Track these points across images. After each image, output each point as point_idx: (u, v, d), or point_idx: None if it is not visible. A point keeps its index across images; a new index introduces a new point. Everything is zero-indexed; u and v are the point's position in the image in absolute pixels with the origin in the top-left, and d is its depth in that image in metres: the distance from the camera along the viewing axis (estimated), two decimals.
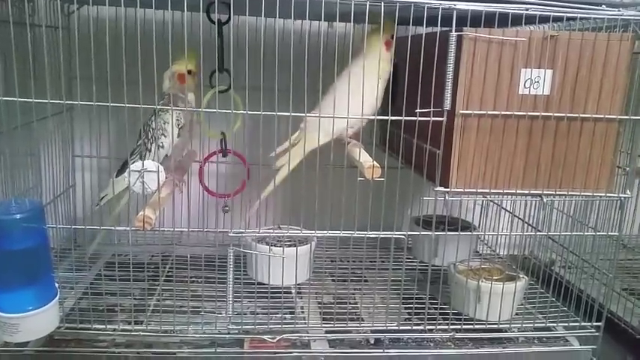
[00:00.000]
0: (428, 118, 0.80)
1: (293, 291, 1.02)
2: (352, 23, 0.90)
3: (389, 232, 0.85)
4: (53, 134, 1.09)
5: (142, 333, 0.84)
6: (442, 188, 0.83)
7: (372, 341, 0.89)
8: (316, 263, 1.09)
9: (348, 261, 1.09)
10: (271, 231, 1.00)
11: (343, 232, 0.85)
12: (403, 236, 0.86)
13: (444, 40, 0.78)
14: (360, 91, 0.81)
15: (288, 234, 0.98)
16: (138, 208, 0.82)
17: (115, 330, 0.84)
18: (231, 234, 0.84)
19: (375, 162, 0.80)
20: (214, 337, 0.86)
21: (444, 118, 0.80)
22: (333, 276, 1.09)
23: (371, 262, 1.11)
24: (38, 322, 0.72)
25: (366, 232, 0.85)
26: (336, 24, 1.14)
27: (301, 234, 0.89)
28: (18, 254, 0.70)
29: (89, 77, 0.77)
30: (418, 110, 0.81)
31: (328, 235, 0.85)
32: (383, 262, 1.11)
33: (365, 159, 0.83)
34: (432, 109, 0.80)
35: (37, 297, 0.72)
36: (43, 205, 0.75)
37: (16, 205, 0.71)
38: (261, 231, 0.97)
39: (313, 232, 0.86)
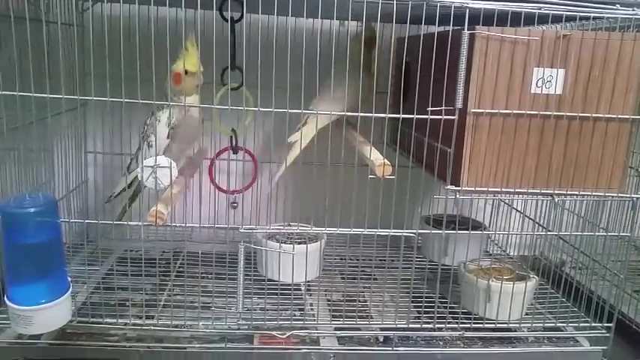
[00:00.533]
0: (439, 117, 0.80)
1: (303, 288, 1.02)
2: (364, 22, 0.90)
3: (399, 231, 0.85)
4: (67, 130, 1.10)
5: (152, 327, 0.85)
6: (453, 187, 0.83)
7: (382, 339, 0.89)
8: (326, 261, 1.09)
9: (358, 259, 1.09)
10: (282, 228, 1.00)
11: (353, 229, 0.85)
12: (413, 235, 0.86)
13: (457, 38, 0.78)
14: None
15: (298, 231, 0.98)
16: (150, 204, 0.82)
17: (126, 324, 0.85)
18: (241, 230, 0.84)
19: (385, 160, 0.80)
20: (224, 333, 0.86)
21: (455, 117, 0.80)
22: (342, 274, 1.09)
23: (381, 260, 1.12)
24: (51, 315, 0.73)
25: (376, 230, 0.85)
26: (347, 23, 1.14)
27: (311, 231, 0.89)
28: (32, 248, 0.71)
29: (103, 74, 0.77)
30: (430, 108, 0.81)
31: (338, 232, 0.85)
32: (393, 260, 1.11)
33: (376, 157, 0.83)
34: (443, 107, 0.80)
35: (50, 290, 0.73)
36: (56, 199, 0.75)
37: (30, 199, 0.72)
38: (271, 228, 0.97)
39: (323, 229, 0.86)
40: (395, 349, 0.87)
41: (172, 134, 0.87)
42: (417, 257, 1.09)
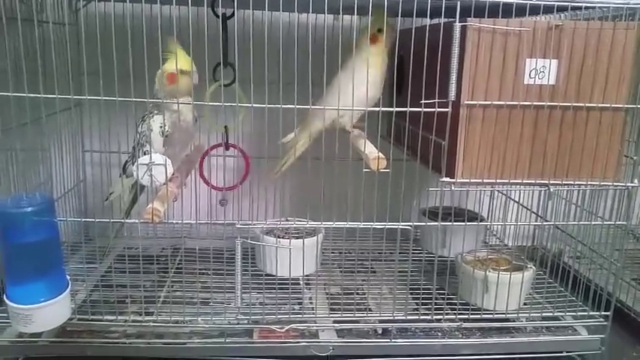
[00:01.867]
0: (433, 109, 0.81)
1: (301, 282, 1.03)
2: (355, 16, 0.90)
3: (395, 223, 0.85)
4: (63, 130, 1.11)
5: (152, 324, 0.86)
6: (448, 179, 0.83)
7: (380, 331, 0.89)
8: (324, 255, 1.10)
9: (356, 252, 1.10)
10: (278, 223, 1.00)
11: (350, 223, 0.86)
12: (409, 227, 0.86)
13: (449, 31, 0.78)
14: (349, 86, 0.84)
15: (295, 225, 0.98)
16: (147, 201, 0.83)
17: (126, 321, 0.86)
18: (238, 225, 0.85)
19: (380, 153, 0.81)
20: (224, 328, 0.87)
21: (449, 109, 0.80)
22: (340, 267, 1.10)
23: (378, 253, 1.12)
24: (51, 313, 0.74)
25: (372, 224, 0.85)
26: (340, 17, 1.14)
27: (308, 225, 0.89)
28: (30, 247, 0.71)
29: (97, 73, 0.78)
30: (423, 101, 0.81)
31: (335, 226, 0.86)
32: (391, 253, 1.11)
33: (370, 150, 0.83)
34: (437, 100, 0.80)
35: (49, 289, 0.73)
36: (53, 198, 0.76)
37: (27, 198, 0.72)
38: (268, 222, 0.97)
39: (320, 223, 0.86)
40: (393, 340, 0.87)
41: (168, 142, 0.85)
42: (414, 249, 1.10)
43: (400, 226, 0.85)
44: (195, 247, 1.08)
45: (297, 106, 0.80)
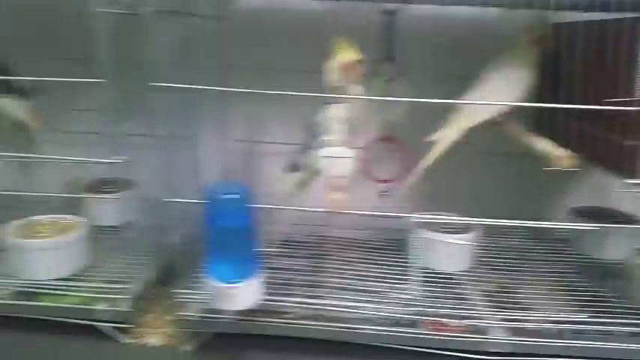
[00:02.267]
0: (620, 108, 0.78)
1: (461, 278, 1.00)
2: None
3: (573, 224, 0.83)
4: (212, 120, 1.13)
5: (327, 307, 0.88)
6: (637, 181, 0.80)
7: (555, 331, 0.86)
8: (478, 252, 1.08)
9: (511, 250, 1.08)
10: (447, 217, 0.98)
11: (513, 221, 0.82)
12: (598, 228, 0.84)
13: (628, 27, 0.75)
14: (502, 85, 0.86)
15: (459, 221, 0.97)
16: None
17: (298, 303, 0.88)
18: (412, 220, 0.85)
19: (568, 152, 0.79)
20: (395, 317, 0.87)
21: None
22: (498, 265, 1.05)
23: (535, 253, 1.10)
24: (249, 292, 0.79)
25: (540, 223, 0.84)
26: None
27: (465, 221, 0.88)
28: (234, 230, 0.76)
29: (248, 65, 0.79)
30: (606, 100, 0.79)
31: (496, 223, 0.82)
32: (544, 253, 1.09)
33: (553, 148, 0.82)
34: (620, 99, 0.78)
35: (249, 269, 0.78)
36: (249, 187, 0.79)
37: (229, 186, 0.77)
38: (439, 217, 0.96)
39: (481, 219, 0.84)
40: (569, 342, 0.84)
41: (345, 129, 0.87)
42: (565, 250, 1.08)
43: (588, 227, 0.83)
44: (346, 237, 1.10)
45: (458, 101, 0.79)
